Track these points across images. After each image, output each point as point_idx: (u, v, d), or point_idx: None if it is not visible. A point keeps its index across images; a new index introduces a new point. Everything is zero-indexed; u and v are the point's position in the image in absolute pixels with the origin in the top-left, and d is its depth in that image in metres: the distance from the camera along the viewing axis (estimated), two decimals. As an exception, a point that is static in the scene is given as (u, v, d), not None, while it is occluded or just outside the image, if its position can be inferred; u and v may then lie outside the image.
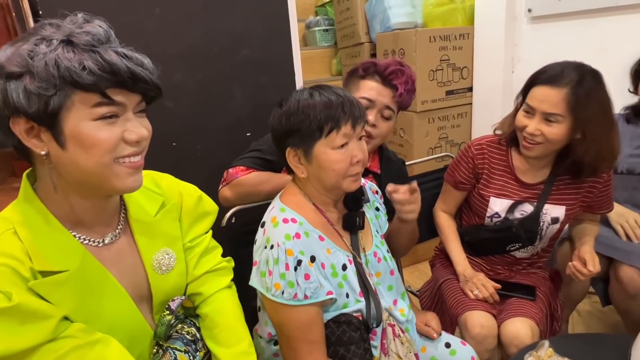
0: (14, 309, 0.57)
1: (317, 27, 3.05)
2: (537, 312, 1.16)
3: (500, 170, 1.24)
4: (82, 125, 0.61)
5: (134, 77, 0.62)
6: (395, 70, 1.19)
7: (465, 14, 2.24)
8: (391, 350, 0.95)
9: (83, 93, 0.59)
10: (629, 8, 1.69)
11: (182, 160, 1.50)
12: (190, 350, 0.80)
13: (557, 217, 1.21)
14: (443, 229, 1.36)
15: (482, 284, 1.20)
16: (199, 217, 0.89)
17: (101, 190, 0.68)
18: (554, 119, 1.07)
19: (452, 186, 1.33)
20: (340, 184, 0.89)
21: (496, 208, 1.24)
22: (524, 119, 1.12)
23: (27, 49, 0.58)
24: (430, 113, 2.26)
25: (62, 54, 0.58)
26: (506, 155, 1.24)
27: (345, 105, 0.86)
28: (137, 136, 0.65)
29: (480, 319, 1.13)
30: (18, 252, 0.62)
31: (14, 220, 0.64)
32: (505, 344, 1.12)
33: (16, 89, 0.58)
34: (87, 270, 0.68)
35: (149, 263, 0.78)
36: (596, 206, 1.24)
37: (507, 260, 1.33)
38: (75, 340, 0.62)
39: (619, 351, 0.94)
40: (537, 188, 1.21)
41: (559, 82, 1.05)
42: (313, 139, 0.86)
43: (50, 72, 0.57)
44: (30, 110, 0.58)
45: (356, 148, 0.88)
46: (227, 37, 1.50)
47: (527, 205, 1.22)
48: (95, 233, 0.72)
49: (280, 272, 0.83)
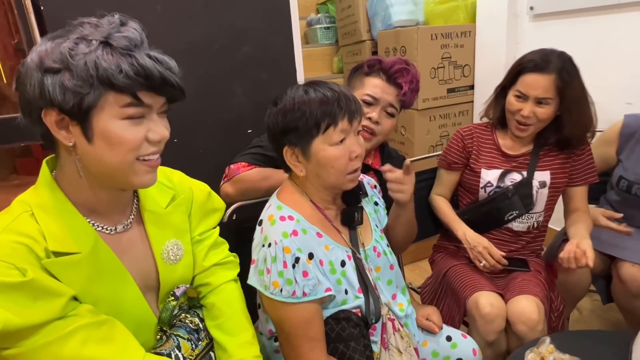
0: (28, 284, 0.60)
1: (319, 25, 3.05)
2: (540, 290, 1.20)
3: (488, 147, 1.37)
4: (111, 124, 0.64)
5: (164, 82, 0.65)
6: (400, 69, 1.19)
7: (467, 12, 2.24)
8: (391, 345, 0.96)
9: (116, 94, 0.63)
10: (631, 6, 1.69)
11: (183, 157, 1.49)
12: (192, 338, 0.83)
13: (544, 180, 1.30)
14: (440, 207, 1.41)
15: (488, 251, 1.24)
16: (208, 212, 0.93)
17: (118, 184, 0.71)
18: (545, 102, 1.21)
19: (446, 168, 1.41)
20: (340, 182, 0.89)
21: (488, 178, 1.34)
22: (517, 103, 1.24)
23: (67, 46, 0.61)
24: (432, 111, 2.26)
25: (101, 55, 0.61)
26: (491, 135, 1.38)
27: (341, 100, 0.85)
28: (160, 136, 0.68)
29: (490, 298, 1.16)
30: (34, 232, 0.64)
31: (31, 203, 0.67)
32: (512, 321, 1.14)
33: (53, 84, 0.61)
34: (98, 254, 0.70)
35: (158, 252, 0.80)
36: (576, 175, 1.31)
37: (506, 235, 1.35)
38: (83, 319, 0.64)
39: (620, 348, 0.94)
40: (522, 158, 1.33)
41: (547, 69, 1.18)
42: (310, 137, 0.85)
43: (89, 72, 0.60)
44: (66, 106, 0.61)
45: (354, 143, 0.88)
46: (228, 34, 1.50)
47: (515, 173, 1.32)
48: (108, 221, 0.75)
49: (278, 270, 0.83)
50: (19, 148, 2.41)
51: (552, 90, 1.19)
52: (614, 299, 1.35)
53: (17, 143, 1.85)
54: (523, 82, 1.22)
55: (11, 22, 1.72)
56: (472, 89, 2.32)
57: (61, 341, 0.62)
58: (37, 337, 0.60)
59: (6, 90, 1.80)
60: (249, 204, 1.24)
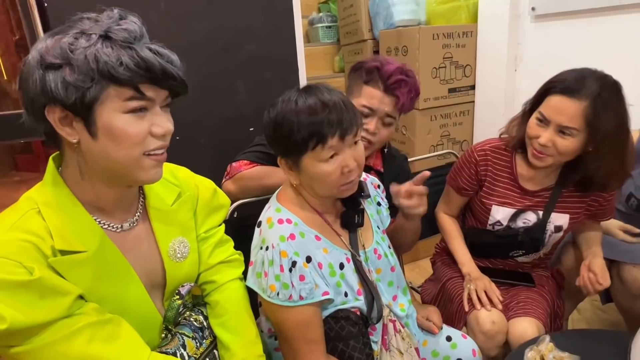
0: (35, 283, 0.60)
1: (320, 24, 3.05)
2: (542, 312, 1.16)
3: (504, 178, 1.21)
4: (114, 118, 0.64)
5: (165, 74, 0.65)
6: (398, 81, 1.14)
7: (469, 12, 2.24)
8: (392, 346, 0.96)
9: (118, 87, 0.63)
10: (633, 7, 1.69)
11: (186, 155, 1.49)
12: (197, 337, 0.83)
13: (561, 225, 1.20)
14: (446, 230, 1.34)
15: (485, 290, 1.16)
16: (214, 209, 0.93)
17: (124, 180, 0.71)
18: (568, 132, 1.01)
19: (455, 191, 1.31)
20: (334, 193, 0.88)
21: (498, 216, 1.22)
22: (537, 128, 1.06)
23: (67, 41, 0.61)
24: (433, 111, 2.26)
25: (101, 49, 0.61)
26: (510, 162, 1.20)
27: (332, 114, 0.79)
28: (164, 130, 0.68)
29: (492, 316, 1.12)
30: (41, 230, 0.64)
31: (38, 201, 0.67)
32: (512, 343, 1.12)
33: (55, 80, 0.61)
34: (104, 253, 0.70)
35: (165, 250, 0.80)
36: (599, 215, 1.24)
37: (508, 263, 1.33)
38: (89, 318, 0.65)
39: (619, 347, 0.95)
40: (540, 196, 1.19)
41: (578, 94, 0.99)
42: (299, 153, 0.82)
43: (90, 66, 0.60)
44: (68, 101, 0.61)
45: (348, 157, 0.83)
46: (231, 32, 1.50)
47: (530, 213, 1.20)
48: (114, 219, 0.75)
49: (275, 274, 0.82)
50: (19, 145, 2.41)
51: (579, 119, 0.99)
52: (614, 300, 1.35)
53: (18, 140, 1.85)
54: (548, 104, 1.04)
55: (13, 18, 1.72)
56: (473, 89, 2.32)
57: (67, 339, 0.62)
58: (43, 336, 0.60)
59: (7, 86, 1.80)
60: (250, 201, 1.24)
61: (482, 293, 1.16)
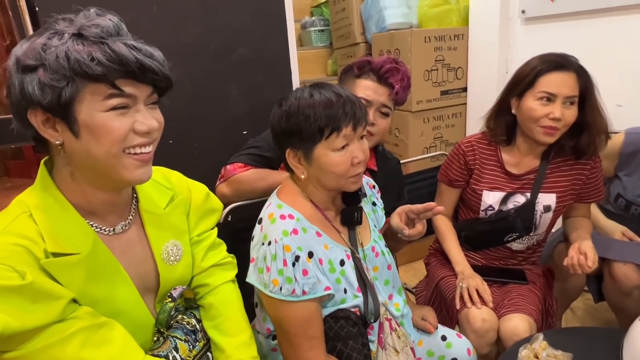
0: (27, 287, 0.59)
1: (313, 28, 3.06)
2: (534, 308, 1.17)
3: (491, 165, 1.29)
4: (95, 115, 0.63)
5: (142, 68, 0.63)
6: (390, 69, 1.20)
7: (460, 15, 2.26)
8: (388, 344, 0.96)
9: (94, 84, 0.62)
10: (621, 9, 1.72)
11: (179, 158, 1.49)
12: (190, 340, 0.83)
13: (549, 204, 1.25)
14: (440, 230, 1.37)
15: (477, 288, 1.19)
16: (207, 213, 0.92)
17: (112, 181, 0.70)
18: (572, 101, 1.13)
19: (447, 185, 1.35)
20: (341, 185, 0.90)
21: (489, 201, 1.28)
22: (543, 107, 1.13)
23: (40, 42, 0.61)
24: (425, 113, 2.27)
25: (72, 46, 0.60)
26: (495, 151, 1.29)
27: (347, 106, 0.84)
28: (147, 127, 0.67)
29: (482, 313, 1.14)
30: (32, 234, 0.64)
31: (29, 204, 0.67)
32: (503, 339, 1.13)
33: (31, 82, 0.60)
34: (96, 256, 0.70)
35: (158, 253, 0.80)
36: (585, 194, 1.28)
37: (503, 253, 1.34)
38: (82, 322, 0.64)
39: (611, 344, 0.96)
40: (526, 179, 1.26)
41: (568, 67, 1.12)
42: (313, 141, 0.85)
43: (61, 64, 0.60)
44: (45, 102, 0.60)
45: (357, 149, 0.87)
46: (224, 35, 1.50)
47: (519, 195, 1.26)
48: (107, 222, 0.74)
49: (278, 269, 0.83)
50: (11, 150, 2.38)
51: (577, 88, 1.13)
52: (606, 298, 1.37)
53: (8, 145, 1.83)
54: (548, 82, 1.13)
55: (4, 23, 1.71)
56: (465, 91, 2.34)
57: (61, 344, 0.61)
58: (36, 340, 0.60)
59: (-3, 91, 1.79)
60: (244, 204, 1.24)
61: (474, 291, 1.19)
